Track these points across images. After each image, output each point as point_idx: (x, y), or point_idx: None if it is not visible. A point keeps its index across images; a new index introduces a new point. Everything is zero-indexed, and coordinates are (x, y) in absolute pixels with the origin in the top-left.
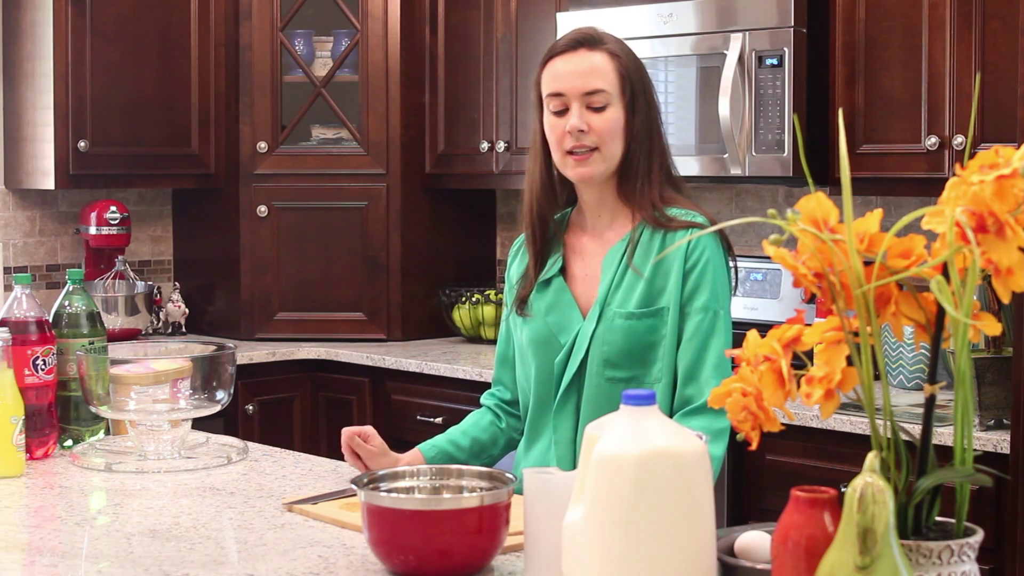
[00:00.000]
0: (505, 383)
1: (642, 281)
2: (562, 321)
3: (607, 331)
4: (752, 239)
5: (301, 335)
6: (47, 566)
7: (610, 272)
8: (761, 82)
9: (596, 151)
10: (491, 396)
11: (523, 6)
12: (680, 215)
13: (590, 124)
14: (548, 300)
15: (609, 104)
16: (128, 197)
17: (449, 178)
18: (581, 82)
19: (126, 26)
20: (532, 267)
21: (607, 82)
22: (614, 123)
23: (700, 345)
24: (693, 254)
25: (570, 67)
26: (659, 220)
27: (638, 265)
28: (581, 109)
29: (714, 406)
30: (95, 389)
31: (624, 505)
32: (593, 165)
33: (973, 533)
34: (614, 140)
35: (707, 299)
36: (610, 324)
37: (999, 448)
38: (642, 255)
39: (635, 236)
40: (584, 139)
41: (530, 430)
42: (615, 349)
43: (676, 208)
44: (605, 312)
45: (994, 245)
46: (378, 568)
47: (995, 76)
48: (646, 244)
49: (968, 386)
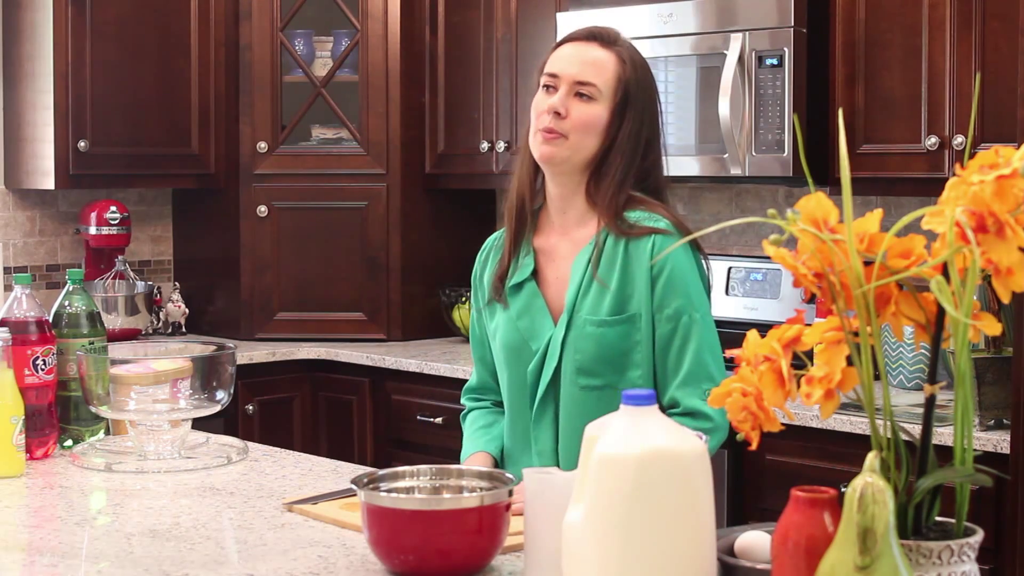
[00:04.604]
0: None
1: (609, 290)
2: (533, 327)
3: (579, 339)
4: (752, 239)
5: (301, 335)
6: (47, 566)
7: (577, 277)
8: (761, 82)
9: (566, 139)
10: (483, 399)
11: (523, 6)
12: (643, 219)
13: (569, 110)
14: (520, 305)
15: (595, 100)
16: (128, 197)
17: (449, 178)
18: (578, 70)
19: (126, 26)
20: (508, 252)
21: (602, 79)
22: (592, 118)
23: (676, 353)
24: (658, 261)
25: (575, 54)
26: (620, 228)
27: (603, 275)
28: (567, 95)
29: (714, 406)
30: (95, 389)
31: (624, 505)
32: (557, 147)
33: (973, 533)
34: (587, 134)
35: (679, 305)
36: (581, 331)
37: (999, 448)
38: (607, 264)
39: (600, 241)
40: (558, 123)
41: (511, 441)
42: (588, 357)
43: (639, 211)
44: (575, 319)
45: (994, 245)
46: (378, 568)
47: (995, 76)
48: (610, 252)
49: (968, 386)
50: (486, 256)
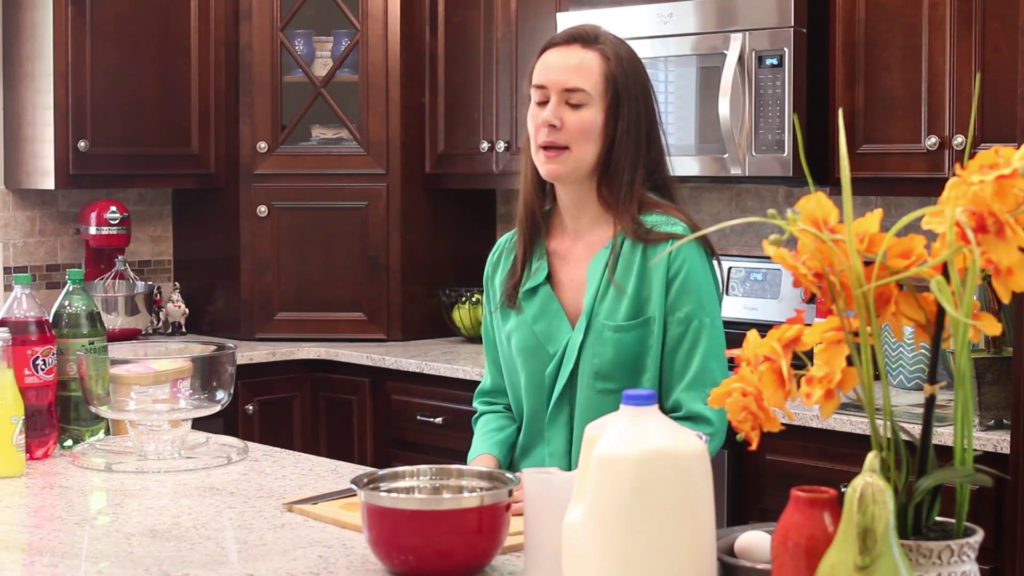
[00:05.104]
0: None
1: (626, 294)
2: (550, 330)
3: (596, 343)
4: (752, 239)
5: (301, 335)
6: (47, 566)
7: (595, 281)
8: (761, 82)
9: (567, 150)
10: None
11: (523, 6)
12: (659, 223)
13: (563, 120)
14: (536, 308)
15: (586, 105)
16: (128, 197)
17: (449, 178)
18: (564, 77)
19: (126, 26)
20: (521, 259)
21: (589, 82)
22: (588, 124)
23: (683, 356)
24: (674, 264)
25: (558, 61)
26: (638, 233)
27: (620, 280)
28: (558, 104)
29: (714, 406)
30: (95, 389)
31: (624, 505)
32: (562, 164)
33: (973, 533)
34: (586, 141)
35: (690, 309)
36: (599, 336)
37: (999, 448)
38: (624, 269)
39: (617, 245)
40: (556, 136)
41: (525, 440)
42: (605, 361)
43: (655, 215)
44: (593, 323)
45: (994, 245)
46: (378, 568)
47: (995, 76)
48: (627, 257)
49: (968, 386)
50: (498, 258)
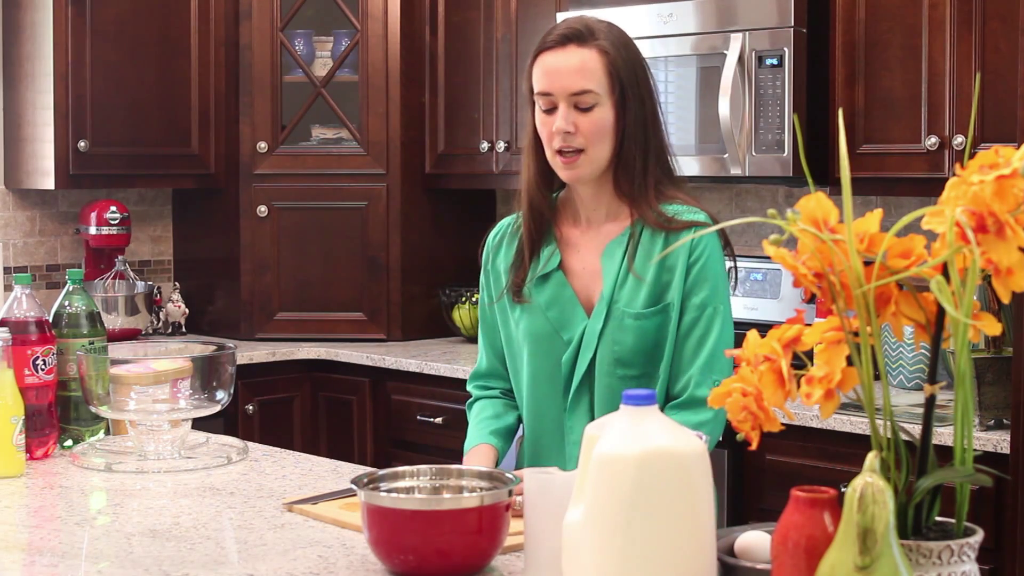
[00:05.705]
0: (502, 373)
1: (646, 281)
2: (564, 317)
3: (617, 330)
4: (752, 239)
5: (301, 335)
6: (47, 566)
7: (613, 268)
8: (761, 82)
9: (583, 153)
10: (491, 387)
11: (523, 6)
12: (681, 212)
13: (577, 125)
14: (548, 295)
15: (597, 104)
16: (128, 197)
17: (449, 178)
18: (569, 82)
19: (126, 26)
20: (527, 258)
21: (595, 82)
22: (601, 124)
23: (695, 342)
24: (695, 250)
25: (558, 65)
26: (659, 221)
27: (639, 268)
28: (568, 109)
29: (714, 406)
30: (95, 389)
31: (624, 505)
32: (581, 168)
33: (973, 533)
34: (602, 141)
35: (706, 295)
36: (620, 323)
37: (999, 448)
38: (643, 257)
39: (636, 234)
40: (571, 140)
41: (536, 432)
42: (626, 348)
43: (676, 204)
44: (612, 311)
45: (994, 245)
46: (378, 568)
47: (995, 76)
48: (647, 245)
49: (968, 386)
50: (499, 241)
